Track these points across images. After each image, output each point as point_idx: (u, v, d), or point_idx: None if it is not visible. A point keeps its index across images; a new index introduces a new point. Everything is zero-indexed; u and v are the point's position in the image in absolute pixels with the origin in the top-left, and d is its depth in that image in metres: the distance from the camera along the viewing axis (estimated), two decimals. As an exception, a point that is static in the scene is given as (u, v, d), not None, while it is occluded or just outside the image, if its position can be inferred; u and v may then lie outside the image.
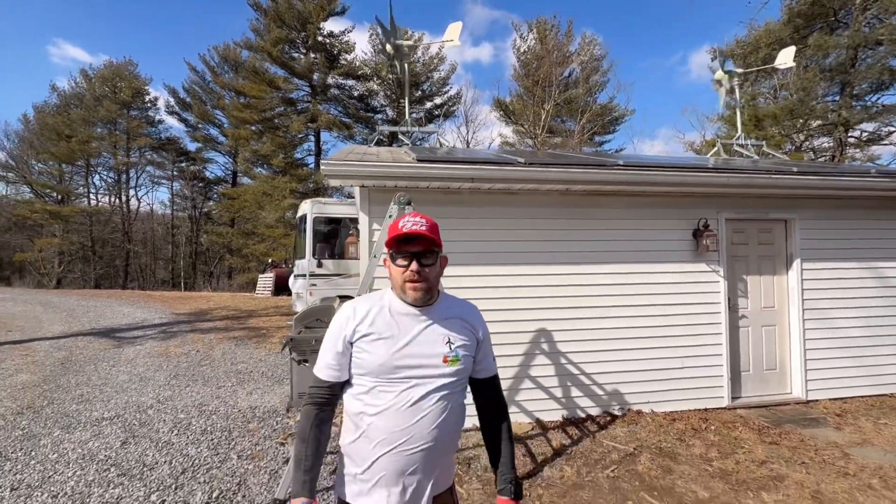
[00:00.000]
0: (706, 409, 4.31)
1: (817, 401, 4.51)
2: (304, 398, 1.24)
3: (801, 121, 16.69)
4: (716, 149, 7.74)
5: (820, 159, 16.94)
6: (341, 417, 1.26)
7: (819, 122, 16.55)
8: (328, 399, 1.22)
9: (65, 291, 18.74)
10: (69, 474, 3.08)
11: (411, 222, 1.19)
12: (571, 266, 4.20)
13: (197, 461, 3.32)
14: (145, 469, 3.18)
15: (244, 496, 2.84)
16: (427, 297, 1.21)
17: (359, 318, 1.20)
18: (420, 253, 1.19)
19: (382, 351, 1.15)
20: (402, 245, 1.19)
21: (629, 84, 38.71)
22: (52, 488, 2.90)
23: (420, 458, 1.12)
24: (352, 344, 1.19)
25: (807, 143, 18.23)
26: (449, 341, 1.20)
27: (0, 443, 3.57)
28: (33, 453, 3.41)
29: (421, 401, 1.13)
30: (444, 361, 1.18)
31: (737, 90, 7.54)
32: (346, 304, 1.25)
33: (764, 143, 7.80)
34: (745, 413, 4.25)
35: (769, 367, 4.61)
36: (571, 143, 20.66)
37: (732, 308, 4.51)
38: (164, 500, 2.77)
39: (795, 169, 4.63)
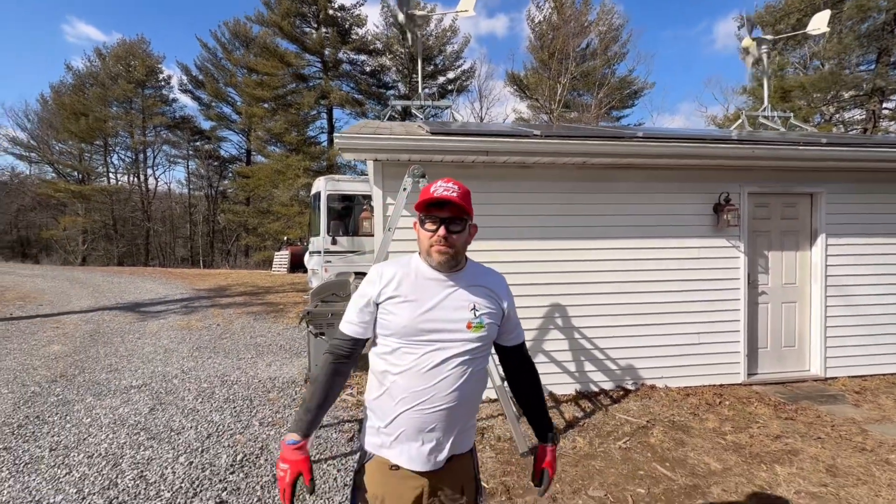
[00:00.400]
0: (721, 385, 4.29)
1: (836, 378, 4.45)
2: (325, 349, 1.27)
3: (832, 91, 15.90)
4: (740, 121, 7.45)
5: (851, 132, 16.19)
6: (363, 378, 1.29)
7: (852, 92, 15.74)
8: (347, 353, 1.25)
9: (90, 268, 19.36)
10: (102, 437, 3.25)
11: (443, 187, 1.19)
12: (587, 241, 4.15)
13: (221, 427, 3.46)
14: (173, 433, 3.33)
15: (266, 459, 2.96)
16: (452, 263, 1.21)
17: (385, 280, 1.21)
18: (449, 219, 1.18)
19: (407, 313, 1.16)
20: (431, 209, 1.19)
21: (650, 55, 37.21)
22: (88, 449, 3.06)
23: (438, 418, 1.15)
24: (377, 305, 1.21)
25: (837, 115, 17.42)
26: (474, 308, 1.21)
27: (38, 408, 3.77)
28: (68, 417, 3.59)
29: (441, 364, 1.14)
30: (468, 327, 1.19)
31: (765, 59, 7.18)
32: (373, 268, 1.26)
33: (791, 115, 7.46)
34: (760, 389, 4.22)
35: (788, 344, 4.54)
36: (588, 117, 20.11)
37: (752, 284, 4.43)
38: (192, 462, 2.90)
39: (825, 140, 4.43)
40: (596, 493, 2.57)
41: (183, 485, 2.63)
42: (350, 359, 1.26)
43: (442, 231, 1.17)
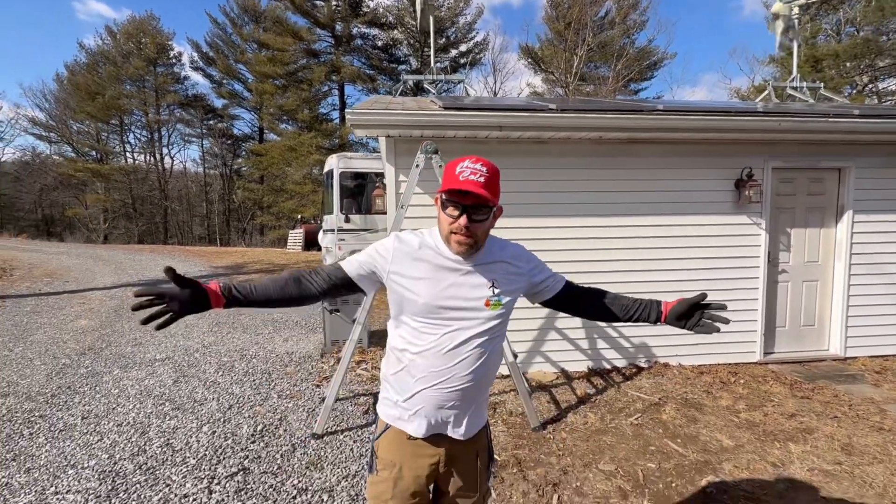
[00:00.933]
0: (736, 364, 4.26)
1: (856, 358, 4.37)
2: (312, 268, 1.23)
3: (866, 60, 15.04)
4: (766, 93, 7.11)
5: (885, 103, 15.40)
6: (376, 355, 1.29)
7: (888, 60, 14.88)
8: (327, 278, 1.20)
9: (111, 246, 19.90)
10: (130, 407, 3.40)
11: (470, 170, 1.07)
12: (602, 218, 4.08)
13: (241, 399, 3.58)
14: (196, 404, 3.47)
15: (285, 430, 3.06)
16: (471, 252, 1.14)
17: (402, 250, 1.16)
18: (473, 206, 1.08)
19: (425, 291, 1.13)
20: (454, 194, 1.09)
21: (671, 23, 35.42)
22: (117, 418, 3.21)
23: (457, 396, 1.15)
24: (390, 270, 1.16)
25: (871, 85, 16.54)
26: (493, 285, 1.17)
27: (69, 379, 3.95)
28: (98, 388, 3.76)
29: (461, 346, 1.13)
30: (486, 305, 1.16)
31: (796, 24, 6.79)
32: (393, 234, 1.22)
33: (822, 85, 7.10)
34: (777, 368, 4.18)
35: (807, 323, 4.46)
36: (605, 91, 19.48)
37: (772, 262, 4.32)
38: (215, 432, 3.03)
39: (857, 112, 4.21)
40: (606, 467, 2.61)
41: (207, 452, 2.75)
42: (327, 285, 1.20)
43: (463, 220, 1.08)
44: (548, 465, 2.62)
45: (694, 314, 1.31)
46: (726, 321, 1.28)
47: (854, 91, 16.66)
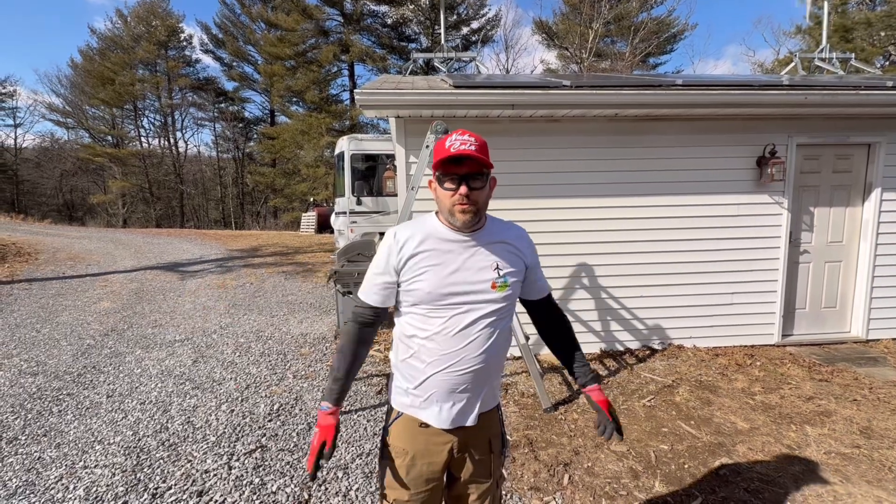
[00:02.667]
0: (753, 346, 4.19)
1: (878, 340, 4.26)
2: (349, 318, 1.27)
3: (902, 28, 14.21)
4: (792, 65, 6.80)
5: (919, 75, 14.57)
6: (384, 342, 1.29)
7: (926, 28, 14.02)
8: (371, 321, 1.25)
9: (131, 230, 20.33)
10: (152, 386, 3.52)
11: (459, 141, 1.10)
12: (617, 198, 3.99)
13: (258, 379, 3.67)
14: (214, 384, 3.56)
15: (301, 409, 3.14)
16: (476, 220, 1.16)
17: (400, 244, 1.17)
18: (469, 175, 1.11)
19: (431, 279, 1.14)
20: (449, 167, 1.11)
21: (693, -7, 33.81)
22: (140, 397, 3.32)
23: (469, 379, 1.15)
24: (398, 273, 1.17)
25: (906, 55, 15.64)
26: (497, 267, 1.17)
27: (94, 359, 4.09)
28: (121, 368, 3.89)
29: (469, 327, 1.13)
30: (493, 287, 1.16)
31: (827, -9, 6.41)
32: (388, 232, 1.22)
33: (852, 56, 6.74)
34: (795, 350, 4.10)
35: (828, 305, 4.35)
36: (622, 66, 18.84)
37: (794, 242, 4.20)
38: (233, 410, 3.11)
39: (890, 83, 3.99)
40: (618, 447, 2.61)
41: (226, 430, 2.84)
42: (373, 326, 1.26)
43: (463, 189, 1.10)
44: (559, 446, 2.63)
45: (612, 415, 1.28)
46: (620, 438, 1.31)
47: (886, 62, 15.80)
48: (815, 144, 4.09)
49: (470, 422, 1.19)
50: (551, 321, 1.38)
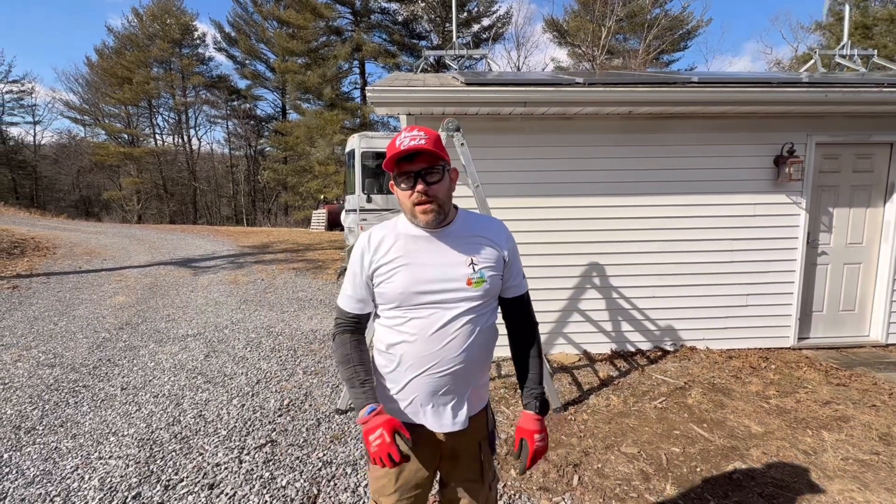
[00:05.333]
0: (768, 349, 4.12)
1: (899, 344, 4.16)
2: (333, 329, 1.24)
3: (926, 24, 13.81)
4: (812, 62, 6.63)
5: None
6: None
7: (952, 24, 13.61)
8: (356, 327, 1.21)
9: (145, 226, 20.66)
10: (165, 379, 3.57)
11: (409, 137, 1.05)
12: (630, 197, 3.94)
13: (269, 374, 3.70)
14: (226, 378, 3.60)
15: (310, 405, 3.16)
16: (440, 218, 1.10)
17: (373, 248, 1.14)
18: (424, 171, 1.06)
19: (402, 279, 1.10)
20: (402, 164, 1.07)
21: (709, -12, 33.13)
22: (153, 390, 3.38)
23: (450, 380, 1.11)
24: (371, 275, 1.15)
25: (930, 52, 15.18)
26: (472, 262, 1.12)
27: (109, 352, 4.17)
28: (135, 361, 3.95)
29: (447, 325, 1.09)
30: (469, 284, 1.10)
31: (849, -14, 6.25)
32: (363, 234, 1.19)
33: (875, 52, 6.56)
34: (811, 354, 4.02)
35: (846, 308, 4.25)
36: (635, 63, 18.61)
37: (811, 243, 4.11)
38: (244, 405, 3.15)
39: (915, 80, 3.88)
40: (629, 449, 2.58)
41: (237, 424, 2.87)
42: (360, 331, 1.22)
43: (420, 186, 1.06)
44: (569, 446, 2.61)
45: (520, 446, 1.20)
46: (523, 472, 1.20)
47: (910, 59, 15.36)
48: (836, 143, 3.99)
49: (459, 426, 1.14)
50: (522, 324, 1.28)
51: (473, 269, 1.12)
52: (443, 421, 1.13)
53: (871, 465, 2.42)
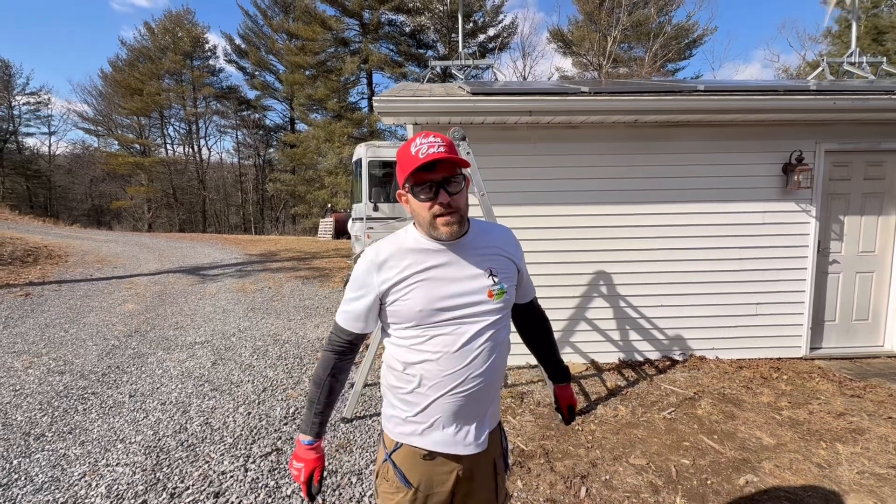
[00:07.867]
0: (779, 359, 4.05)
1: (915, 355, 4.07)
2: (324, 343, 1.22)
3: (936, 31, 13.71)
4: (820, 69, 6.61)
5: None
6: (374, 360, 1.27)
7: (962, 30, 13.50)
8: (348, 348, 1.15)
9: (155, 234, 20.92)
10: (172, 387, 3.59)
11: (427, 144, 0.98)
12: (637, 206, 3.93)
13: (275, 382, 3.71)
14: (233, 386, 3.62)
15: (316, 414, 3.15)
16: (462, 230, 1.06)
17: (382, 264, 1.07)
18: (446, 180, 1.00)
19: (419, 295, 1.04)
20: (421, 174, 0.99)
21: (713, -4, 33.20)
22: (161, 397, 3.39)
23: (475, 399, 1.06)
24: (381, 294, 1.07)
25: (940, 58, 15.04)
26: (491, 273, 1.08)
27: (118, 359, 4.20)
28: (143, 368, 3.98)
29: (472, 341, 1.04)
30: (490, 296, 1.06)
31: (855, -6, 6.24)
32: (368, 249, 1.11)
33: (884, 59, 6.53)
34: (824, 364, 3.95)
35: (859, 318, 4.17)
36: (640, 72, 18.65)
37: (822, 252, 4.05)
38: (250, 413, 3.15)
39: (925, 87, 3.85)
40: (637, 461, 2.54)
41: (243, 432, 2.87)
42: (352, 353, 1.16)
43: (444, 198, 0.99)
44: (576, 457, 2.58)
45: (569, 411, 1.42)
46: (570, 422, 1.43)
47: (920, 66, 15.24)
48: (845, 151, 3.96)
49: (480, 447, 1.09)
50: (538, 323, 1.37)
51: (493, 280, 1.08)
52: (462, 443, 1.07)
53: (889, 479, 2.36)
